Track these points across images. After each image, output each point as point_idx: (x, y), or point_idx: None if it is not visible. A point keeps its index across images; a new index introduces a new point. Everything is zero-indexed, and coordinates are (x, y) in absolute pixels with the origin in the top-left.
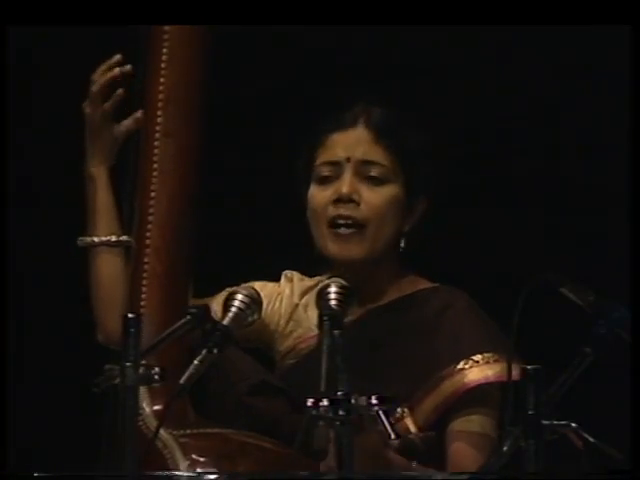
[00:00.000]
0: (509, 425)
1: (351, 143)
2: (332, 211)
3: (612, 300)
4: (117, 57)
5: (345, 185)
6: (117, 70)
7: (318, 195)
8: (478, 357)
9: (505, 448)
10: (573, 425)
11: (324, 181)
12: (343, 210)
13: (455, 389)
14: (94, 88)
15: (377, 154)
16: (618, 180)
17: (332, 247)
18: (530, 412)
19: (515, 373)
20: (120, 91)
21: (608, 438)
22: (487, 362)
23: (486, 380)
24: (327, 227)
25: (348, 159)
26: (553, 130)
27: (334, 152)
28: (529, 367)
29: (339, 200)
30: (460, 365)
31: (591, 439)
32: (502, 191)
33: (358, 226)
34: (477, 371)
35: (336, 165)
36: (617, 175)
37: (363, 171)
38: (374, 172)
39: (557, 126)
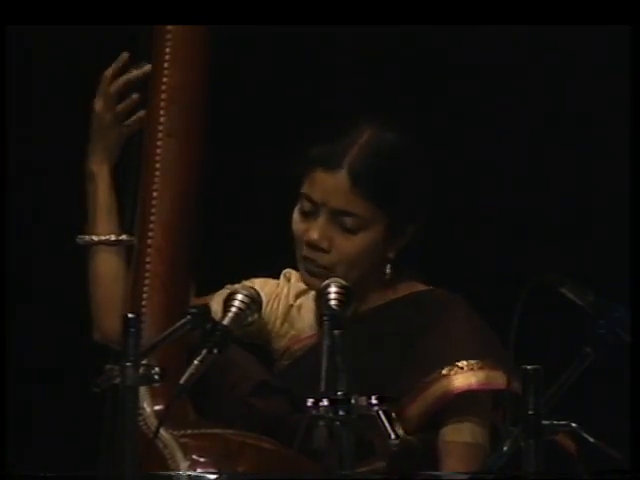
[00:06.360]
0: (509, 425)
1: (330, 189)
2: (304, 250)
3: (612, 300)
4: (124, 55)
5: (315, 232)
6: (138, 72)
7: (298, 225)
8: (463, 363)
9: (505, 448)
10: (573, 425)
11: (304, 214)
12: (311, 254)
13: (438, 396)
14: (112, 89)
15: (354, 204)
16: (618, 180)
17: (305, 277)
18: (530, 412)
19: (513, 384)
20: (135, 95)
21: (608, 438)
22: (471, 369)
23: (469, 387)
24: (301, 258)
25: (324, 204)
26: (553, 130)
27: (314, 191)
28: (529, 367)
29: (309, 244)
30: (444, 371)
31: (591, 439)
32: (502, 191)
33: (326, 268)
34: (461, 378)
35: (314, 204)
36: (617, 175)
37: (337, 220)
38: (348, 223)
39: (557, 126)
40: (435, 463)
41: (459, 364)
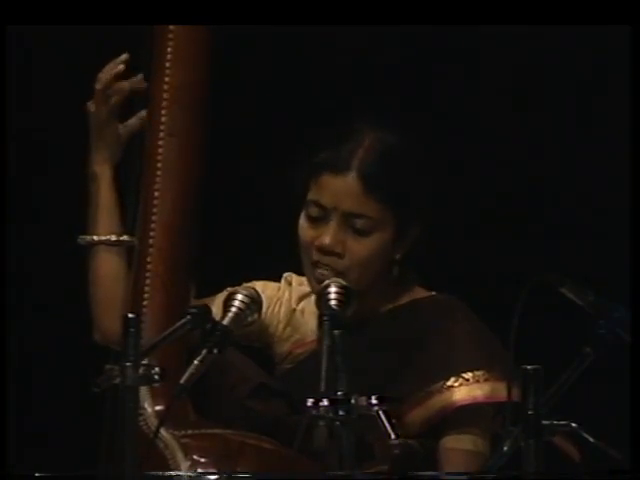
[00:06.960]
0: (509, 425)
1: (340, 192)
2: (315, 255)
3: (612, 300)
4: (124, 56)
5: (328, 236)
6: (121, 66)
7: (305, 231)
8: (469, 375)
9: (505, 448)
10: (573, 425)
11: (312, 220)
12: (324, 259)
13: (443, 407)
14: (98, 86)
15: (366, 206)
16: (618, 180)
17: (314, 284)
18: (530, 412)
19: (512, 393)
20: (125, 86)
21: (608, 438)
22: (477, 381)
23: (474, 401)
24: (310, 265)
25: (335, 208)
26: (553, 130)
27: (323, 196)
28: (529, 367)
29: (321, 249)
30: (450, 382)
31: (591, 439)
32: (502, 191)
33: (338, 273)
34: (466, 390)
35: (324, 209)
36: (617, 175)
37: (349, 222)
38: (360, 225)
39: (557, 127)
40: (436, 467)
41: (465, 375)
